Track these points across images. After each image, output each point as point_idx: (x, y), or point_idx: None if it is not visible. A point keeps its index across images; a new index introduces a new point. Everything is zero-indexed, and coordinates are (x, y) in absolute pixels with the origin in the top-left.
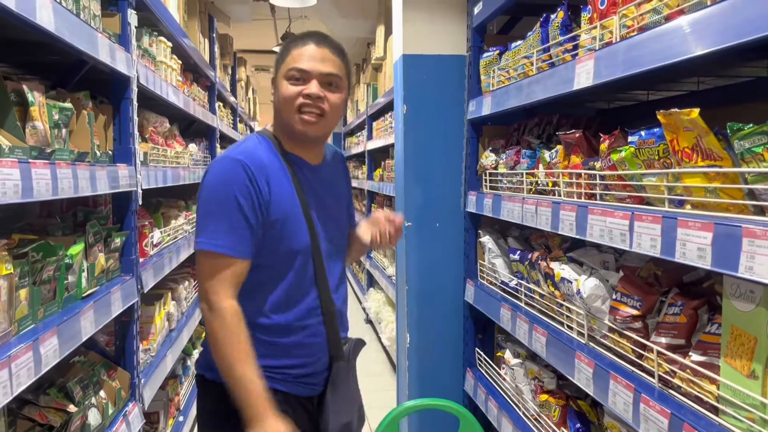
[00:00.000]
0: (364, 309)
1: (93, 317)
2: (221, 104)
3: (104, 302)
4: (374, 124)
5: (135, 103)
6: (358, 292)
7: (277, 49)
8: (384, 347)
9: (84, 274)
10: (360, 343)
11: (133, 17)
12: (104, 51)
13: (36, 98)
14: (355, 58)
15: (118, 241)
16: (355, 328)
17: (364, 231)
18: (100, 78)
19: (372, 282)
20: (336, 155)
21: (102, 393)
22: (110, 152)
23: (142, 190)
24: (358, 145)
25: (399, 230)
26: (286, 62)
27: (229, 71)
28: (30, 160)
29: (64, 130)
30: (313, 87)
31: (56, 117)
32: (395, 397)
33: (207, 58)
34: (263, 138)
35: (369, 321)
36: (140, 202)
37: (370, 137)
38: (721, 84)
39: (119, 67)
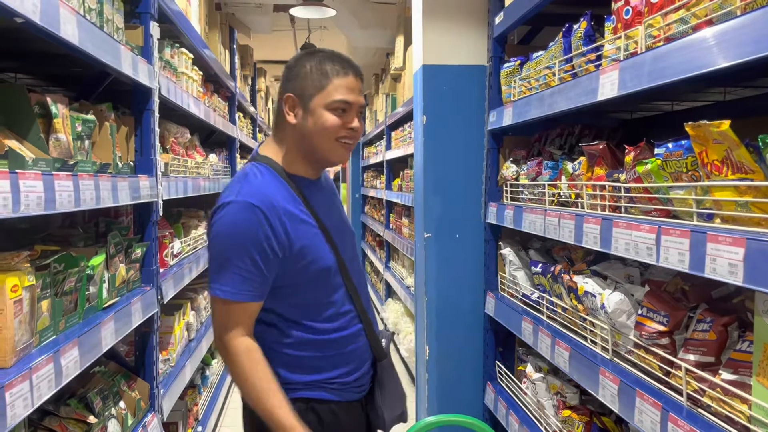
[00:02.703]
0: (382, 319)
1: (113, 328)
2: (241, 114)
3: (124, 313)
4: (393, 134)
5: (157, 114)
6: (376, 302)
7: None
8: (402, 358)
9: (105, 285)
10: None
11: (155, 30)
12: (127, 63)
13: (60, 110)
14: (374, 68)
15: (138, 252)
16: None
17: None
18: (123, 89)
19: (390, 292)
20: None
21: (122, 404)
22: (131, 163)
23: (162, 200)
24: (377, 154)
25: None
26: (326, 90)
27: (249, 82)
28: (53, 173)
29: (86, 142)
30: (356, 121)
31: (79, 129)
32: (414, 409)
33: (227, 68)
34: (262, 167)
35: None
36: (161, 213)
37: (389, 147)
38: (748, 95)
39: (141, 79)
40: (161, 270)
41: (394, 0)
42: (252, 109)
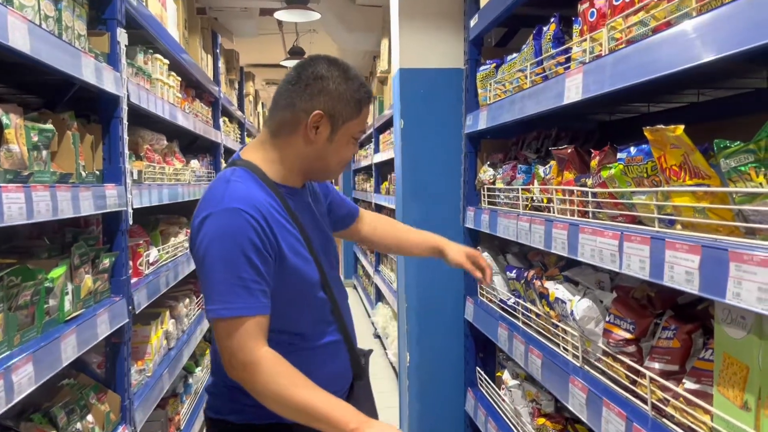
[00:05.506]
0: (372, 323)
1: (75, 341)
2: (227, 119)
3: (89, 325)
4: (381, 137)
5: (125, 122)
6: (366, 305)
7: (286, 63)
8: (391, 363)
9: (68, 297)
10: (369, 353)
11: (122, 36)
12: (89, 71)
13: (12, 120)
14: (362, 71)
15: (106, 262)
16: (364, 343)
17: (456, 254)
18: (93, 97)
19: (380, 296)
20: None
21: (89, 417)
22: (98, 172)
23: (133, 209)
24: (366, 158)
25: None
26: (357, 120)
27: (236, 86)
28: (1, 185)
29: (44, 152)
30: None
31: (35, 139)
32: (397, 416)
33: (210, 74)
34: (243, 172)
35: (377, 336)
36: (131, 222)
37: (377, 150)
38: (721, 96)
39: (107, 87)
40: (135, 279)
41: (380, 3)
42: (239, 113)
